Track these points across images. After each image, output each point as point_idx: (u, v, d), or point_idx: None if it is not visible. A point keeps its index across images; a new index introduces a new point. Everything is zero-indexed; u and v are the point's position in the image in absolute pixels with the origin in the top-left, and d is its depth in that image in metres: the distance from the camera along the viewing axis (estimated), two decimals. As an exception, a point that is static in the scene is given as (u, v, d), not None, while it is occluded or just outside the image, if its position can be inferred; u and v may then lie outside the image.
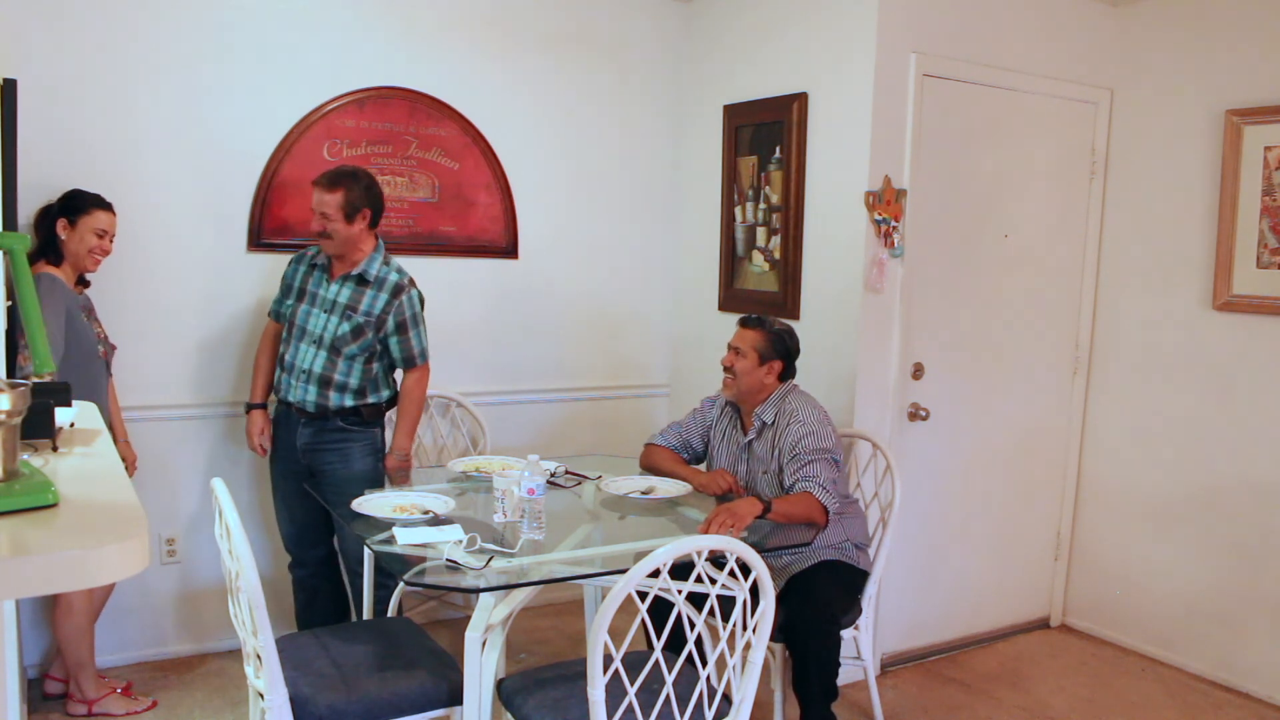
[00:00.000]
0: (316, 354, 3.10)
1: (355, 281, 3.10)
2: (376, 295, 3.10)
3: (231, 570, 2.15)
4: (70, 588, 0.97)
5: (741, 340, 2.99)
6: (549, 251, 4.04)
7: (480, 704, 2.28)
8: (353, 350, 3.10)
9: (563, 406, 4.16)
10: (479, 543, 2.38)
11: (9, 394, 1.12)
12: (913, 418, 3.59)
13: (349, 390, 3.12)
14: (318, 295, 3.13)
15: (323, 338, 3.09)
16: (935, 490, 3.71)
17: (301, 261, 3.21)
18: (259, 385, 3.29)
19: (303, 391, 3.11)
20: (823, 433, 2.89)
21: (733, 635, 2.10)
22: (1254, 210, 3.47)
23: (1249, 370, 3.52)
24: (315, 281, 3.15)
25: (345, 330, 3.08)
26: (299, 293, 3.17)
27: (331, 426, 3.14)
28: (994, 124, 3.65)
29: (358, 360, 3.11)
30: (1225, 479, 3.60)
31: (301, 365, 3.11)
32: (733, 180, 3.94)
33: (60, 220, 2.92)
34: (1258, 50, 3.46)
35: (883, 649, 3.64)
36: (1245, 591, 3.54)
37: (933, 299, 3.58)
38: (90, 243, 2.95)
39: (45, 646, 3.24)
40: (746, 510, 2.63)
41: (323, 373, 3.10)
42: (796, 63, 3.63)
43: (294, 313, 3.16)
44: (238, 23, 3.35)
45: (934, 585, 3.78)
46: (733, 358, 2.99)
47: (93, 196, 2.98)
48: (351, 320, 3.08)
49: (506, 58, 3.85)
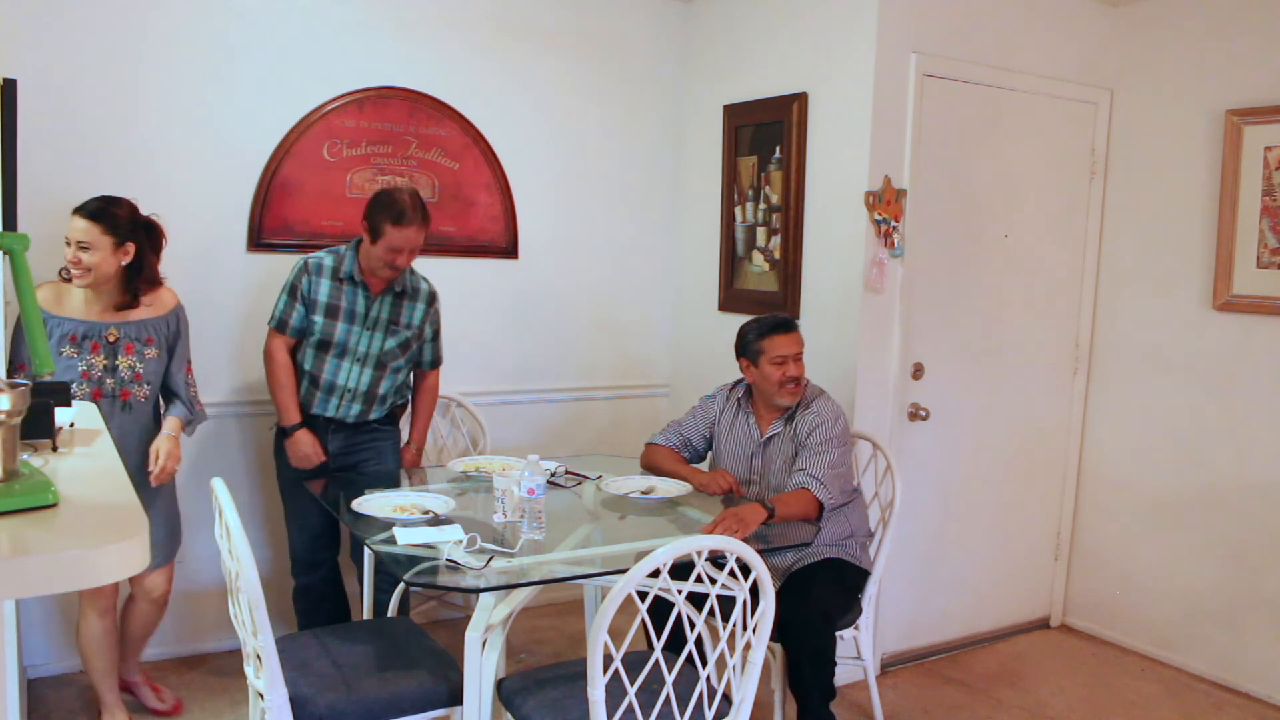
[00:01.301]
0: (363, 372, 3.10)
1: (395, 296, 3.11)
2: (414, 306, 3.15)
3: (231, 570, 2.15)
4: (70, 588, 0.97)
5: (798, 345, 2.98)
6: (549, 251, 4.04)
7: (480, 704, 2.28)
8: (400, 364, 3.15)
9: (563, 406, 4.16)
10: (479, 543, 2.38)
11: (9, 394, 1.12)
12: (913, 417, 3.59)
13: (388, 401, 3.19)
14: (355, 313, 3.06)
15: (369, 355, 3.08)
16: (935, 490, 3.71)
17: (321, 274, 3.05)
18: (291, 404, 3.09)
19: (346, 409, 3.12)
20: (835, 421, 2.92)
21: (733, 635, 2.10)
22: (1254, 210, 3.46)
23: (1249, 370, 3.52)
24: (350, 298, 3.05)
25: (393, 345, 3.10)
26: (328, 309, 3.05)
27: (364, 430, 3.17)
28: (994, 124, 3.65)
29: (402, 371, 3.18)
30: (1225, 479, 3.59)
31: (348, 385, 3.10)
32: (733, 180, 3.94)
33: None
34: (1258, 50, 3.46)
35: (883, 649, 3.65)
36: (1245, 591, 3.54)
37: (932, 299, 3.58)
38: (66, 254, 2.70)
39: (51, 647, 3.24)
40: (752, 518, 2.63)
41: (369, 389, 3.12)
42: (796, 63, 3.63)
43: (328, 331, 3.06)
44: (238, 23, 3.35)
45: (934, 585, 3.78)
46: (798, 366, 2.97)
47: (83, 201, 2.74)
48: (397, 335, 3.11)
49: (507, 58, 3.85)
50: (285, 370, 3.10)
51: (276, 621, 2.49)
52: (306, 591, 3.29)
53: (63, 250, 2.73)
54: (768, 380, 2.97)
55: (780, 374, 2.94)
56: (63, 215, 2.76)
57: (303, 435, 3.09)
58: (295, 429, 3.09)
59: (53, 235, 3.06)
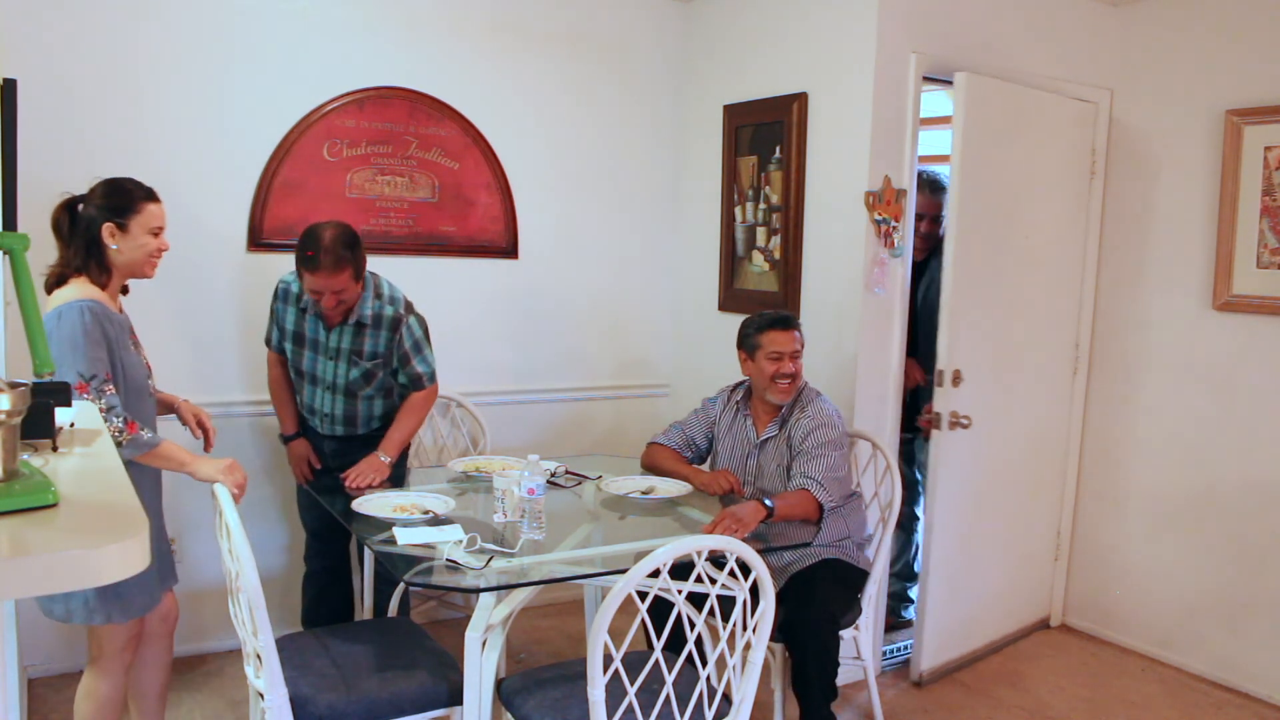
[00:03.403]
0: (334, 399, 3.10)
1: (354, 326, 3.00)
2: (377, 335, 3.01)
3: (231, 570, 2.15)
4: (70, 587, 0.97)
5: (795, 343, 2.98)
6: (549, 251, 4.04)
7: (480, 704, 2.28)
8: (369, 392, 3.10)
9: (563, 406, 4.16)
10: (479, 543, 2.38)
11: (9, 394, 1.12)
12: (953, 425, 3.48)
13: (375, 419, 3.16)
14: (318, 342, 3.04)
15: (335, 384, 3.07)
16: (962, 498, 3.64)
17: (288, 300, 3.06)
18: (287, 415, 3.19)
19: (329, 427, 3.14)
20: (832, 425, 2.92)
21: (733, 635, 2.10)
22: (1254, 210, 3.46)
23: (1249, 370, 3.52)
24: (312, 328, 3.03)
25: (356, 376, 3.06)
26: (295, 337, 3.06)
27: (358, 440, 3.16)
28: (994, 124, 3.64)
29: (376, 397, 3.13)
30: (1225, 479, 3.59)
31: (323, 410, 3.11)
32: (733, 180, 3.94)
33: (107, 225, 2.35)
34: (1258, 50, 3.46)
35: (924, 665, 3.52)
36: (1245, 591, 3.54)
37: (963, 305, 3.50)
38: (149, 245, 2.42)
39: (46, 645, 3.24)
40: (751, 515, 2.64)
41: (345, 413, 3.11)
42: (796, 63, 3.63)
43: (297, 358, 3.09)
44: (238, 23, 3.35)
45: (958, 595, 3.67)
46: (793, 363, 2.97)
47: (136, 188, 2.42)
48: (359, 366, 3.03)
49: (507, 58, 3.85)
50: (278, 384, 3.20)
51: (276, 621, 2.48)
52: (314, 578, 3.30)
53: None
54: (762, 374, 2.97)
55: (775, 369, 2.95)
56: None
57: (295, 446, 3.19)
58: (290, 439, 3.20)
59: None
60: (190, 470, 2.40)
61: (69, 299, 2.30)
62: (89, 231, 2.35)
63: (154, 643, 2.57)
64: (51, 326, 2.25)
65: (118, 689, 2.45)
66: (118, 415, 2.26)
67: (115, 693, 2.44)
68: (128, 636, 2.41)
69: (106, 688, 2.42)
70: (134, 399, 2.38)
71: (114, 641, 2.40)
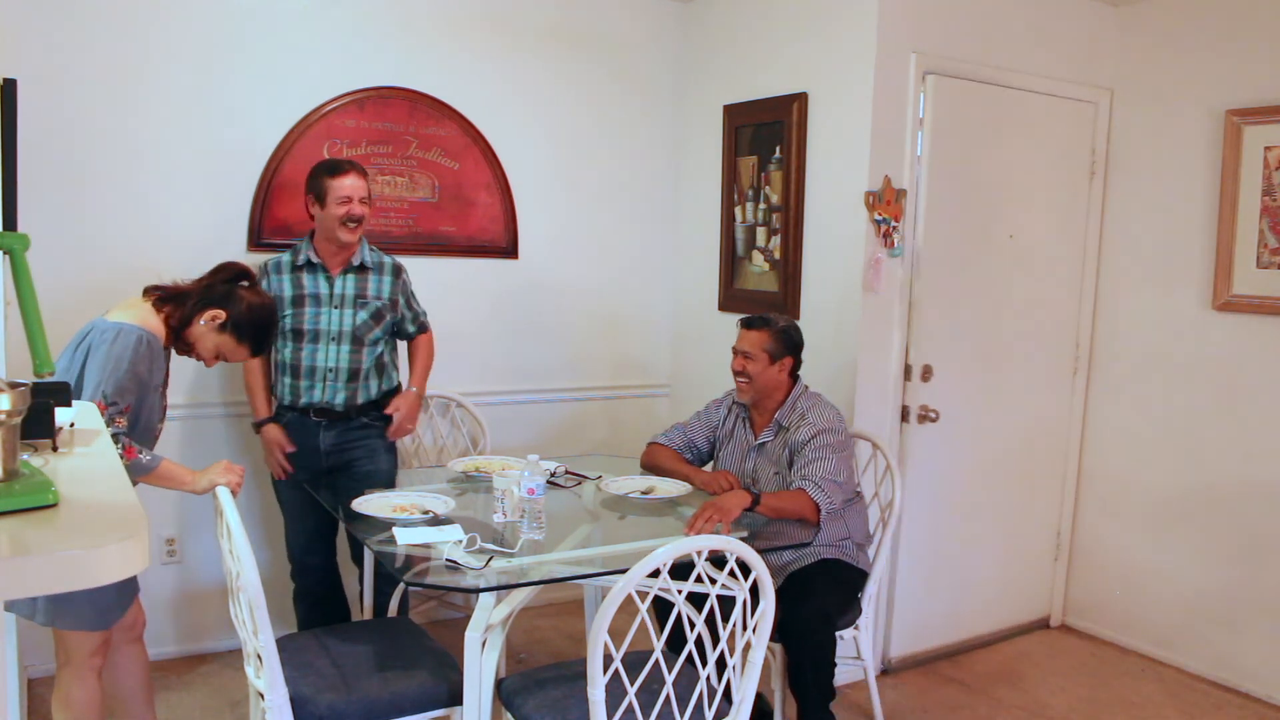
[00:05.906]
0: (339, 350, 3.10)
1: (356, 271, 3.13)
2: (380, 279, 3.16)
3: (232, 570, 2.15)
4: (70, 587, 0.97)
5: (749, 343, 2.98)
6: (549, 251, 4.04)
7: (480, 704, 2.28)
8: (376, 335, 3.14)
9: (563, 406, 4.16)
10: (479, 543, 2.38)
11: (9, 394, 1.12)
12: (922, 419, 3.57)
13: (372, 381, 3.17)
14: (321, 295, 3.10)
15: (342, 332, 3.10)
16: (942, 491, 3.70)
17: (280, 271, 3.11)
18: (261, 400, 3.18)
19: (331, 392, 3.11)
20: (832, 429, 2.91)
21: (732, 635, 2.10)
22: (1254, 210, 3.46)
23: (1249, 370, 3.52)
24: (312, 284, 3.10)
25: (365, 318, 3.11)
26: (294, 300, 3.10)
27: (356, 425, 3.16)
28: (994, 124, 3.65)
29: (380, 344, 3.17)
30: (1225, 479, 3.59)
31: (326, 365, 3.10)
32: (733, 180, 3.94)
33: (210, 313, 2.49)
34: (1258, 50, 3.46)
35: (894, 652, 3.64)
36: (1245, 592, 3.54)
37: (934, 299, 3.58)
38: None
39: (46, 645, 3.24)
40: (734, 504, 2.64)
41: (350, 366, 3.11)
42: (796, 63, 3.63)
43: (298, 320, 3.10)
44: (238, 23, 3.35)
45: (940, 586, 3.76)
46: (742, 362, 2.99)
47: (275, 320, 2.67)
48: (368, 306, 3.12)
49: (507, 58, 3.85)
50: (253, 371, 3.19)
51: (277, 621, 2.48)
52: (306, 592, 3.30)
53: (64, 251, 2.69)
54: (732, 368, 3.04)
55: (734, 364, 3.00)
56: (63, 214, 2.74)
57: (269, 430, 3.17)
58: (263, 423, 3.18)
59: (53, 234, 3.07)
60: (190, 489, 2.44)
61: (134, 320, 2.36)
62: (222, 304, 2.50)
63: (122, 648, 2.55)
64: (106, 340, 2.29)
65: (93, 694, 2.41)
66: (118, 442, 2.27)
67: (91, 697, 2.41)
68: (96, 643, 2.37)
69: (80, 693, 2.39)
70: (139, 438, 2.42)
71: (81, 648, 2.36)
